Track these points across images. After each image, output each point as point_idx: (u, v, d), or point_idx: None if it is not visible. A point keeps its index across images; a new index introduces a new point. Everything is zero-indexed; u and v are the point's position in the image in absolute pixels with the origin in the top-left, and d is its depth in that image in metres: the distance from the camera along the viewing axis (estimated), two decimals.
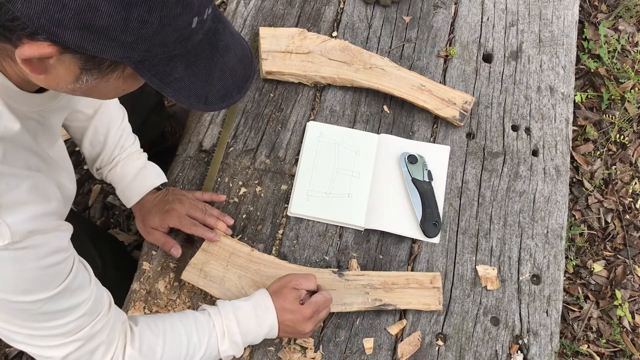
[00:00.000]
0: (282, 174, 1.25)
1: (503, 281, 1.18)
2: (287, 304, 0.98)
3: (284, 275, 1.03)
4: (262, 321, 0.97)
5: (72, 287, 0.76)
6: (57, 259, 0.73)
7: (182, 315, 0.94)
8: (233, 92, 0.68)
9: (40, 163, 0.75)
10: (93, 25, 0.53)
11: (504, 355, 1.12)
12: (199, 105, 0.65)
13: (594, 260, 1.84)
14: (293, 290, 0.99)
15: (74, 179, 0.91)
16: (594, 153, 1.98)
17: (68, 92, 0.65)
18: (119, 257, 1.40)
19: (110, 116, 1.11)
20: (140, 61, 0.59)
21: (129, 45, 0.56)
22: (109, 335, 0.83)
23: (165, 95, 0.63)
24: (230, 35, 0.67)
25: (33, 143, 0.74)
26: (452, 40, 1.44)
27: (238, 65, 0.68)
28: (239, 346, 0.96)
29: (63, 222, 0.77)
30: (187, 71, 0.62)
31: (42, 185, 0.72)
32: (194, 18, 0.58)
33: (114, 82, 0.63)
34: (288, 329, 1.00)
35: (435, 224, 1.20)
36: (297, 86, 1.34)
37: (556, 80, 1.41)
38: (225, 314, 0.96)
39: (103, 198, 1.78)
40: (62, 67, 0.59)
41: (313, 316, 1.00)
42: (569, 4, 1.51)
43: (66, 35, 0.53)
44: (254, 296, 1.00)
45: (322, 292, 1.03)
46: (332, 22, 1.43)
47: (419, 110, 1.33)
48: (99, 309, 0.82)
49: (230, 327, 0.95)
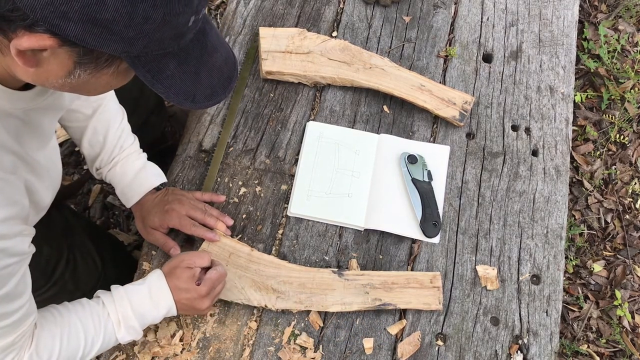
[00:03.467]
0: (282, 174, 1.25)
1: (503, 281, 1.18)
2: (182, 283, 0.98)
3: (176, 255, 1.03)
4: (157, 303, 0.97)
5: (11, 294, 0.75)
6: (10, 261, 0.72)
7: (78, 307, 0.94)
8: (219, 91, 0.69)
9: (19, 164, 0.74)
10: (98, 18, 0.53)
11: (504, 355, 1.12)
12: (187, 102, 0.66)
13: (593, 260, 1.84)
14: (187, 269, 0.99)
15: (56, 189, 0.90)
16: (594, 153, 1.98)
17: (56, 87, 0.64)
18: (119, 257, 1.40)
19: (110, 116, 1.11)
20: (136, 56, 0.59)
21: (130, 40, 0.56)
22: (22, 344, 0.83)
23: (155, 91, 0.64)
24: (216, 36, 0.68)
25: (12, 142, 0.73)
26: (452, 40, 1.44)
27: (224, 65, 0.69)
28: (136, 330, 0.97)
29: (26, 227, 0.76)
30: (178, 69, 0.63)
31: (10, 188, 0.71)
32: (192, 17, 0.59)
33: (106, 78, 0.64)
34: (186, 307, 1.01)
35: (435, 224, 1.20)
36: (297, 86, 1.34)
37: (556, 80, 1.41)
38: (119, 301, 0.96)
39: (103, 198, 1.78)
40: (56, 60, 0.59)
41: (209, 293, 1.00)
42: (569, 4, 1.51)
43: (69, 28, 0.54)
44: (148, 278, 1.00)
45: (216, 267, 1.02)
46: (332, 22, 1.43)
47: (419, 110, 1.33)
48: (25, 322, 0.81)
49: (125, 314, 0.95)
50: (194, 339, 1.08)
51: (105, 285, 1.00)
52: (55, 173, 0.90)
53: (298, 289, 1.11)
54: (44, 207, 0.86)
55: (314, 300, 1.11)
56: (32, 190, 0.79)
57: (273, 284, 1.11)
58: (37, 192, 0.81)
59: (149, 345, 1.07)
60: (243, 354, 1.08)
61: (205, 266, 1.02)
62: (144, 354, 1.06)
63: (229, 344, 1.09)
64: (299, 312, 1.12)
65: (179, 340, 1.08)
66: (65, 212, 1.21)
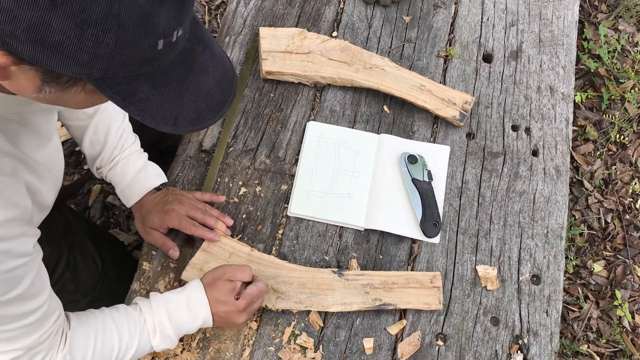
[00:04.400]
0: (282, 174, 1.25)
1: (503, 281, 1.18)
2: (221, 296, 0.98)
3: (218, 266, 1.03)
4: (195, 314, 0.97)
5: (26, 294, 0.75)
6: (17, 263, 0.72)
7: (114, 312, 0.94)
8: (206, 116, 0.64)
9: (18, 166, 0.74)
10: (46, 40, 0.51)
11: (504, 355, 1.12)
12: (167, 126, 0.62)
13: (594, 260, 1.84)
14: (227, 282, 0.99)
15: (58, 187, 0.90)
16: (594, 153, 1.98)
17: (35, 99, 0.62)
18: (119, 257, 1.40)
19: (111, 116, 1.11)
20: (100, 79, 0.56)
21: (86, 63, 0.54)
22: (50, 343, 0.83)
23: (129, 113, 0.61)
24: (210, 56, 0.64)
25: (9, 145, 0.72)
26: (452, 40, 1.44)
27: (215, 88, 0.65)
28: (171, 339, 0.97)
29: (30, 228, 0.76)
30: (154, 92, 0.60)
31: (10, 191, 0.71)
32: (159, 40, 0.56)
33: (76, 95, 0.61)
34: (222, 320, 1.01)
35: (435, 224, 1.20)
36: (297, 86, 1.34)
37: (556, 80, 1.41)
38: (157, 308, 0.96)
39: (103, 198, 1.78)
40: (24, 76, 0.57)
41: (247, 308, 1.00)
42: (569, 4, 1.51)
43: (20, 47, 0.51)
44: (187, 288, 1.00)
45: (256, 283, 1.02)
46: (332, 22, 1.43)
47: (419, 110, 1.33)
48: (48, 320, 0.81)
49: (162, 322, 0.95)
50: (194, 339, 1.08)
51: (105, 286, 1.00)
52: (57, 171, 0.90)
53: (298, 289, 1.11)
54: (48, 206, 0.86)
55: (314, 300, 1.11)
56: (33, 191, 0.79)
57: (273, 284, 1.11)
58: (39, 193, 0.81)
59: None
60: (243, 354, 1.08)
61: (246, 280, 1.02)
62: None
63: (229, 344, 1.09)
64: (299, 312, 1.12)
65: (179, 340, 1.08)
66: (65, 212, 1.21)
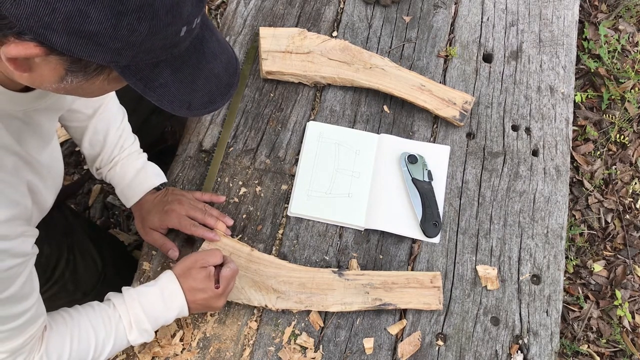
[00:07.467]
0: (282, 174, 1.24)
1: (503, 281, 1.18)
2: (198, 284, 0.99)
3: (187, 256, 1.03)
4: (169, 305, 0.98)
5: (17, 296, 0.75)
6: (14, 263, 0.72)
7: (89, 309, 0.94)
8: (217, 99, 0.68)
9: (20, 165, 0.74)
10: (82, 30, 0.53)
11: (504, 355, 1.12)
12: (182, 110, 0.65)
13: (594, 260, 1.84)
14: (201, 269, 0.99)
15: (58, 188, 0.90)
16: (594, 153, 1.98)
17: (52, 90, 0.65)
18: (119, 257, 1.40)
19: (110, 116, 1.11)
20: (126, 66, 0.59)
21: (117, 50, 0.56)
22: (32, 346, 0.83)
23: (148, 99, 0.63)
24: (217, 42, 0.67)
25: (13, 143, 0.73)
26: (452, 40, 1.44)
27: (223, 72, 0.68)
28: (149, 332, 0.97)
29: (29, 228, 0.76)
30: (173, 77, 0.63)
31: (11, 189, 0.72)
32: (183, 27, 0.59)
33: (98, 84, 0.64)
34: (200, 307, 1.01)
35: (435, 224, 1.20)
36: (297, 86, 1.34)
37: (556, 80, 1.41)
38: (130, 303, 0.96)
39: (103, 198, 1.78)
40: (47, 67, 0.59)
41: (225, 291, 1.01)
42: (569, 4, 1.51)
43: (54, 38, 0.53)
44: (160, 280, 1.00)
45: (228, 264, 1.02)
46: (332, 22, 1.43)
47: (419, 110, 1.33)
48: (34, 324, 0.81)
49: (137, 316, 0.95)
50: (194, 338, 1.08)
51: (105, 285, 1.00)
52: (57, 172, 0.90)
53: (298, 289, 1.11)
54: (47, 207, 0.86)
55: (314, 300, 1.11)
56: (34, 190, 0.79)
57: (273, 284, 1.11)
58: (39, 193, 0.81)
59: (149, 345, 1.07)
60: (243, 354, 1.08)
61: (218, 263, 1.02)
62: (144, 354, 1.06)
63: (229, 343, 1.09)
64: (299, 312, 1.12)
65: (179, 340, 1.08)
66: (65, 212, 1.21)
